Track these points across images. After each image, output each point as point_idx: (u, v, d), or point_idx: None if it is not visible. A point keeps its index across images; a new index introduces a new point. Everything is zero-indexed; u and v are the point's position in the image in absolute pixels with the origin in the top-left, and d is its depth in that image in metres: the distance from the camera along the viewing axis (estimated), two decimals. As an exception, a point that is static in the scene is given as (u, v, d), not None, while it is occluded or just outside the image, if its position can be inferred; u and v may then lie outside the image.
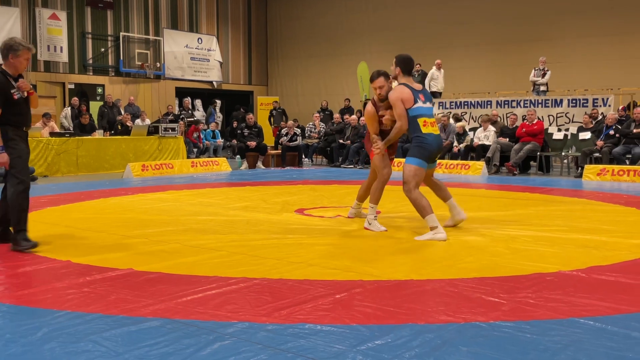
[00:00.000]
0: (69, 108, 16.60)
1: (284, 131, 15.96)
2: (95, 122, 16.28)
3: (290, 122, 16.34)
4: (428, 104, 5.71)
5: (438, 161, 12.74)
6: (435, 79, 16.99)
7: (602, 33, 17.12)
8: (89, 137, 13.64)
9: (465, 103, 15.85)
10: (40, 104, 15.84)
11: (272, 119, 19.77)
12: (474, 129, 14.48)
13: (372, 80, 5.84)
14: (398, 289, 3.80)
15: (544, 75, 15.30)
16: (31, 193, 5.15)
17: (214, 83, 22.59)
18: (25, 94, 5.07)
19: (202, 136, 16.69)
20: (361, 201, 6.51)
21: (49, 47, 18.18)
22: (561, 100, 14.59)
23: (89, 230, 5.90)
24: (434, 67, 17.00)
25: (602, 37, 17.14)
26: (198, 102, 20.78)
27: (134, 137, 13.89)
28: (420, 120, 5.58)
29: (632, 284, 3.93)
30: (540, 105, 14.62)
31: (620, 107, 14.44)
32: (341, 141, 15.42)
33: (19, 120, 5.04)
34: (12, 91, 4.95)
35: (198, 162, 13.71)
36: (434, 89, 16.84)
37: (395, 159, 9.46)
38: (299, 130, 16.16)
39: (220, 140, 17.59)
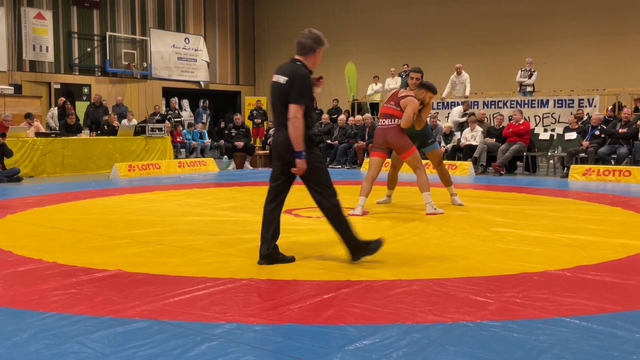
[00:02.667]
0: (56, 108, 16.47)
1: (272, 131, 15.93)
2: (81, 121, 16.17)
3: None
4: None
5: (425, 162, 12.74)
6: (454, 87, 15.71)
7: (588, 34, 17.26)
8: (75, 137, 13.53)
9: (453, 103, 15.91)
10: (25, 104, 15.88)
11: (253, 119, 19.55)
12: (460, 129, 14.53)
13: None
14: (386, 289, 3.81)
15: (530, 76, 15.36)
16: (16, 194, 5.09)
17: (201, 83, 22.51)
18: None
19: (184, 139, 16.65)
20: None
21: (34, 47, 18.03)
22: (547, 101, 14.69)
23: (75, 231, 5.86)
24: (454, 73, 15.73)
25: (588, 38, 17.28)
26: (185, 102, 20.70)
27: (120, 137, 13.82)
28: None
29: (618, 283, 3.96)
30: (526, 106, 14.71)
31: (610, 108, 14.60)
32: (329, 141, 15.42)
33: (311, 123, 4.38)
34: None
35: (185, 163, 13.66)
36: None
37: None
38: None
39: (207, 141, 17.52)
